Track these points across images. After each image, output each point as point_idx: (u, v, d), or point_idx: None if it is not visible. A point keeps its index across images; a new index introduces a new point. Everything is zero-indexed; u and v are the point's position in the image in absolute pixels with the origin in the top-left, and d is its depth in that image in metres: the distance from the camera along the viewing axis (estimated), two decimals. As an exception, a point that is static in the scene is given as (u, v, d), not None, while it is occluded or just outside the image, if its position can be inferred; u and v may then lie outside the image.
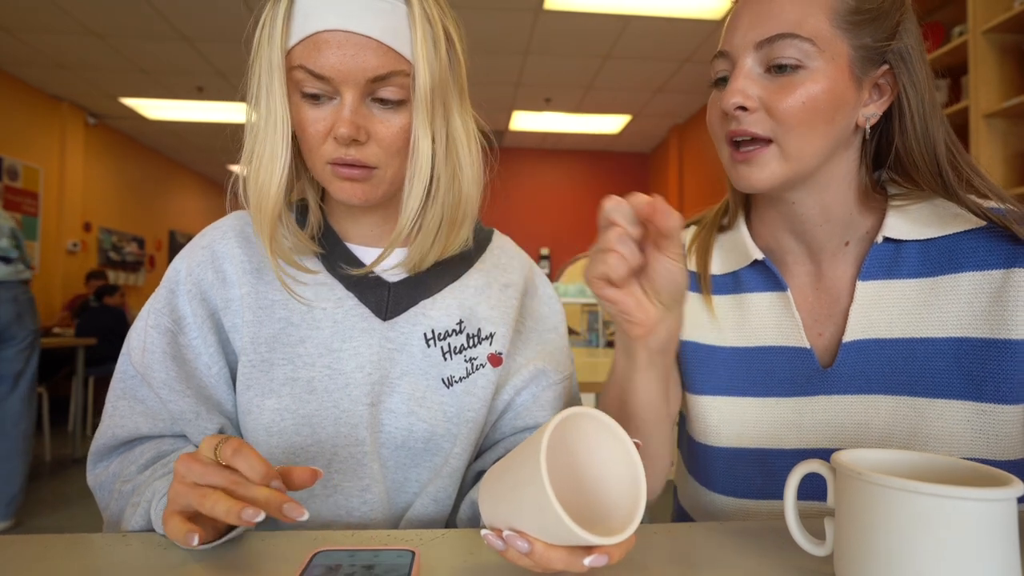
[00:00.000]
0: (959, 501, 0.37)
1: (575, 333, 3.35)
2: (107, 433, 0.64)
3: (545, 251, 7.11)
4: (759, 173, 0.61)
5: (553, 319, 0.77)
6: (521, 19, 4.19)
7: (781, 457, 0.66)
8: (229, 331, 0.66)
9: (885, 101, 0.63)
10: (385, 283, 0.69)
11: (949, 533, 0.38)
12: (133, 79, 5.28)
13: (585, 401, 0.77)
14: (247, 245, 0.69)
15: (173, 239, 7.99)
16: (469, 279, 0.73)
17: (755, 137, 0.61)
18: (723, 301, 0.72)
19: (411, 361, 0.67)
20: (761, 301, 0.70)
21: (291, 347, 0.65)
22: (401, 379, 0.67)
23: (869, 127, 0.63)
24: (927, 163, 0.62)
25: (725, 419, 0.69)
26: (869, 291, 0.64)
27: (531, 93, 5.62)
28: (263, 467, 0.46)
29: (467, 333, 0.69)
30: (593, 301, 3.41)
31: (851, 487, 0.42)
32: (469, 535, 0.53)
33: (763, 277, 0.70)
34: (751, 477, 0.67)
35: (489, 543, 0.42)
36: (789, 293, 0.68)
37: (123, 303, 5.09)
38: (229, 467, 0.46)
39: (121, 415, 0.65)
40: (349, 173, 0.61)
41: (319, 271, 0.68)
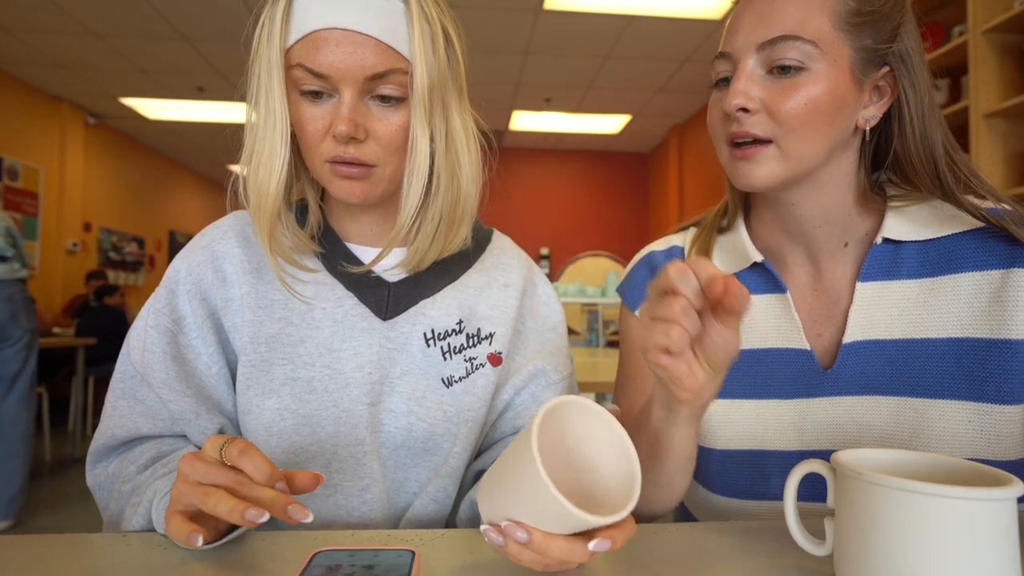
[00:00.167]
0: (959, 501, 0.37)
1: (575, 333, 3.35)
2: (107, 433, 0.64)
3: (545, 251, 7.10)
4: (758, 171, 0.61)
5: (553, 319, 0.77)
6: (521, 19, 4.19)
7: (782, 459, 0.66)
8: (229, 331, 0.66)
9: (885, 103, 0.63)
10: (385, 283, 0.69)
11: (949, 533, 0.38)
12: (133, 79, 5.28)
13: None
14: (247, 245, 0.69)
15: (173, 239, 7.99)
16: (469, 279, 0.73)
17: (756, 139, 0.61)
18: None
19: (411, 361, 0.67)
20: (760, 303, 0.70)
21: (291, 347, 0.65)
22: (401, 379, 0.67)
23: (869, 128, 0.63)
24: (925, 165, 0.63)
25: (726, 422, 0.68)
26: (869, 292, 0.64)
27: (531, 93, 5.62)
28: (268, 468, 0.46)
29: (467, 333, 0.70)
30: (593, 301, 3.41)
31: (851, 487, 0.42)
32: (469, 535, 0.53)
33: (762, 279, 0.70)
34: (752, 478, 0.67)
35: (489, 539, 0.42)
36: (788, 295, 0.68)
37: (123, 303, 5.09)
38: (234, 468, 0.46)
39: (121, 415, 0.65)
40: (348, 171, 0.61)
41: (319, 270, 0.68)
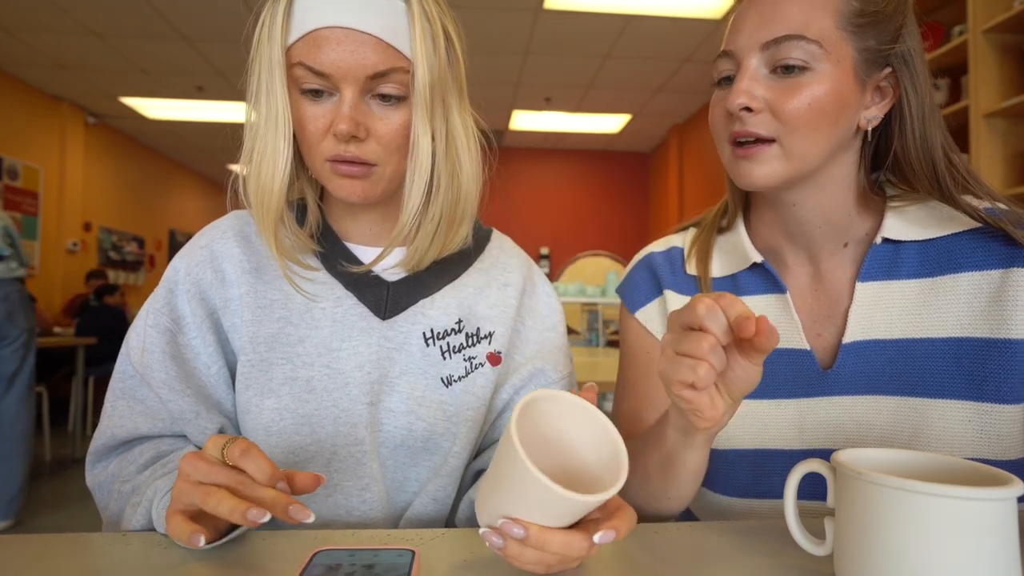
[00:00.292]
0: (959, 501, 0.37)
1: (575, 333, 3.35)
2: (106, 433, 0.64)
3: (545, 251, 7.10)
4: (760, 170, 0.61)
5: (552, 318, 0.77)
6: (521, 19, 4.19)
7: (783, 458, 0.66)
8: (228, 331, 0.66)
9: (887, 103, 0.63)
10: (384, 282, 0.69)
11: (949, 533, 0.38)
12: (133, 79, 5.28)
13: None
14: (246, 245, 0.69)
15: (173, 239, 7.99)
16: (468, 278, 0.73)
17: (759, 138, 0.61)
18: None
19: (410, 360, 0.67)
20: (760, 304, 0.70)
21: (290, 346, 0.65)
22: (400, 378, 0.66)
23: (870, 129, 0.63)
24: (924, 166, 0.63)
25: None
26: (868, 292, 0.64)
27: (531, 93, 5.62)
28: (270, 469, 0.46)
29: (466, 332, 0.69)
30: (593, 301, 3.41)
31: (851, 487, 0.42)
32: (469, 534, 0.53)
33: (762, 279, 0.70)
34: (754, 478, 0.67)
35: (490, 543, 0.42)
36: (788, 295, 0.68)
37: (123, 303, 5.09)
38: (235, 467, 0.46)
39: (120, 415, 0.64)
40: (348, 170, 0.61)
41: (318, 269, 0.68)
